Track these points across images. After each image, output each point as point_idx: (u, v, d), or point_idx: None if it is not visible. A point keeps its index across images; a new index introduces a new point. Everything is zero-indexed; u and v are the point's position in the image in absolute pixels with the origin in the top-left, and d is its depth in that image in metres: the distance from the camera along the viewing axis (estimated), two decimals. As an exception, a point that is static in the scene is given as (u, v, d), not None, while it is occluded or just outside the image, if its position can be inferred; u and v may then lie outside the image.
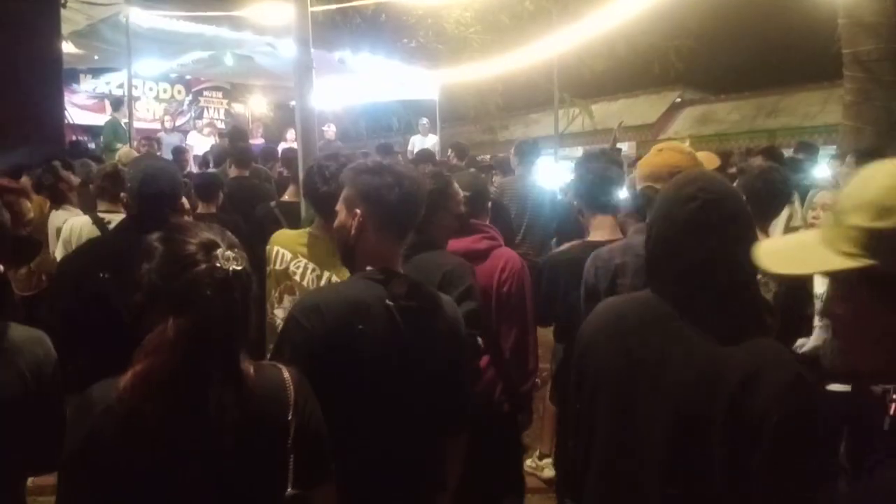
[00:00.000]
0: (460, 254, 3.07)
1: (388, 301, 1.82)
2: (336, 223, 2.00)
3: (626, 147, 13.60)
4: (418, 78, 12.78)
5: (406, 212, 1.92)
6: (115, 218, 3.67)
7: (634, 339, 1.59)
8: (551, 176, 7.63)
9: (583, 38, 10.38)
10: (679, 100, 18.29)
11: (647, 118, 17.57)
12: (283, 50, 9.69)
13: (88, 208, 4.40)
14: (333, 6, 10.72)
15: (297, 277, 2.74)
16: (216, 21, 8.75)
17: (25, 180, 5.12)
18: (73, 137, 10.54)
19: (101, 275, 1.82)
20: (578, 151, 18.80)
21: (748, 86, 17.26)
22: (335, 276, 2.63)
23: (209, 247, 1.41)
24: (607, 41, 12.29)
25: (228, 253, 1.41)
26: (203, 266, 1.37)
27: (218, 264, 1.38)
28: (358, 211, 1.90)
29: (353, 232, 1.91)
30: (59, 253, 3.88)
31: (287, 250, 2.81)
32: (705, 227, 1.53)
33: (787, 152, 6.81)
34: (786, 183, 3.15)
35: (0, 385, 1.67)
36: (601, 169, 3.15)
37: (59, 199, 4.93)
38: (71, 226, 3.97)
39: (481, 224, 3.13)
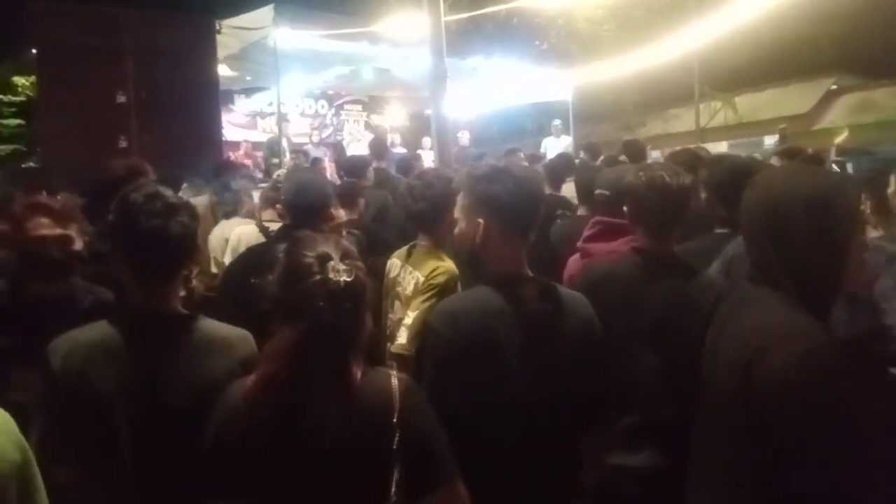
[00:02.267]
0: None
1: (518, 305, 1.82)
2: (457, 232, 2.02)
3: (773, 139, 12.78)
4: (551, 79, 12.69)
5: (527, 214, 1.91)
6: (278, 226, 3.95)
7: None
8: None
9: (723, 28, 9.90)
10: (835, 87, 16.93)
11: (799, 108, 16.39)
12: (418, 61, 9.97)
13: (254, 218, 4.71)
14: (465, 14, 10.88)
15: (400, 288, 2.85)
16: (355, 37, 9.12)
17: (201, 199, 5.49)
18: (230, 154, 11.36)
19: (253, 280, 1.95)
20: (722, 146, 17.86)
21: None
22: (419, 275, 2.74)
23: (324, 259, 1.46)
24: (750, 30, 11.62)
25: (341, 265, 1.46)
26: (317, 277, 1.44)
27: (331, 276, 1.44)
28: (480, 220, 1.90)
29: (477, 240, 1.92)
30: (227, 259, 4.17)
31: (397, 260, 2.96)
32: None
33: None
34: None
35: (216, 377, 1.72)
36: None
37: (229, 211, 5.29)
38: (239, 234, 4.24)
39: (629, 225, 3.02)
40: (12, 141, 18.62)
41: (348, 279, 1.45)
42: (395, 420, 1.47)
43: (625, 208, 2.44)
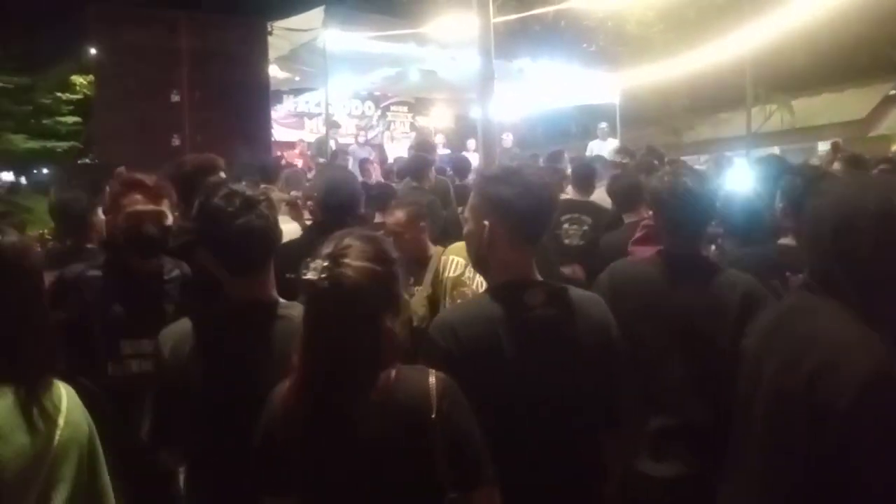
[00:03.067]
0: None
1: (522, 312, 1.78)
2: (465, 232, 1.98)
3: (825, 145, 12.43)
4: (597, 82, 12.58)
5: (535, 218, 1.85)
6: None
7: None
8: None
9: (779, 30, 9.68)
10: (894, 92, 16.38)
11: (856, 113, 15.90)
12: (464, 62, 9.97)
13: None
14: (513, 16, 10.85)
15: (467, 288, 2.87)
16: (403, 39, 9.18)
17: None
18: (278, 153, 11.54)
19: (287, 276, 2.02)
20: (774, 151, 17.46)
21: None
22: None
23: (313, 259, 1.47)
24: (807, 32, 11.32)
25: (323, 265, 1.43)
26: (303, 278, 1.45)
27: (309, 276, 1.43)
28: (486, 223, 1.84)
29: (483, 243, 1.86)
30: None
31: (461, 258, 2.93)
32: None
33: None
34: None
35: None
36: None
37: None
38: (283, 232, 4.33)
39: None
40: (69, 138, 19.23)
41: (326, 282, 1.42)
42: (433, 416, 1.46)
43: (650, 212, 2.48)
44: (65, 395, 1.51)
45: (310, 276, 1.43)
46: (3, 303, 1.45)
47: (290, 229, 4.27)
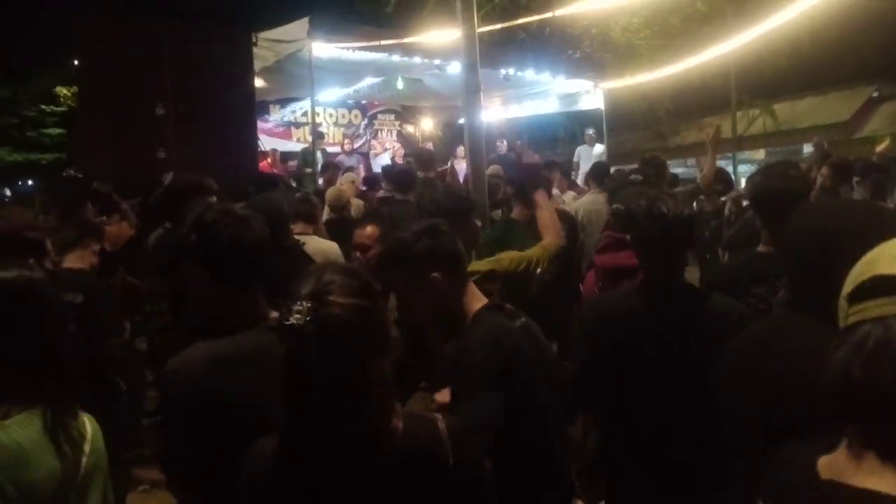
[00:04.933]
0: (607, 269, 3.01)
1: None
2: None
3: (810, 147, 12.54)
4: (583, 89, 12.63)
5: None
6: (308, 239, 3.97)
7: None
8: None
9: (762, 35, 9.78)
10: (876, 94, 16.56)
11: (839, 116, 16.06)
12: (451, 71, 9.99)
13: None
14: (498, 26, 10.88)
15: None
16: (388, 49, 9.18)
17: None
18: (266, 161, 11.50)
19: None
20: (760, 154, 17.60)
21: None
22: None
23: (292, 299, 1.28)
24: (789, 37, 11.43)
25: (306, 304, 1.24)
26: (287, 321, 1.25)
27: (289, 320, 1.24)
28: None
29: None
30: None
31: None
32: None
33: None
34: None
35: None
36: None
37: None
38: None
39: None
40: (54, 150, 19.12)
41: (312, 325, 1.22)
42: (450, 468, 1.34)
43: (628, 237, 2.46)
44: (88, 422, 1.59)
45: (293, 320, 1.23)
46: (30, 333, 1.53)
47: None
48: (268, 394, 1.43)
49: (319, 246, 4.03)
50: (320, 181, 8.62)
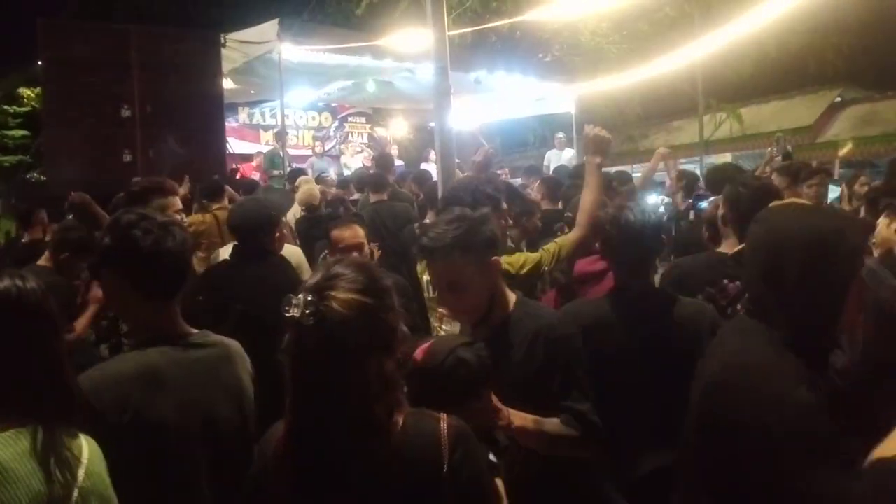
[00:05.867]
0: (574, 276, 3.02)
1: None
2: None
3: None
4: (554, 92, 12.70)
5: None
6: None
7: None
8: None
9: (728, 40, 9.92)
10: (839, 99, 16.91)
11: (804, 120, 16.37)
12: (422, 74, 9.98)
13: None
14: (469, 29, 10.90)
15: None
16: (359, 51, 9.15)
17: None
18: (234, 165, 11.38)
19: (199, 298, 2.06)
20: (727, 158, 17.84)
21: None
22: None
23: (302, 291, 1.30)
24: (755, 42, 11.63)
25: (303, 299, 1.27)
26: (288, 312, 1.28)
27: (291, 313, 1.27)
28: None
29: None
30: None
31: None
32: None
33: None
34: None
35: (243, 388, 1.86)
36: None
37: None
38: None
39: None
40: (17, 152, 18.68)
41: (311, 318, 1.25)
42: (444, 471, 1.31)
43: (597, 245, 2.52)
44: (86, 445, 1.48)
45: (293, 312, 1.26)
46: (20, 346, 1.43)
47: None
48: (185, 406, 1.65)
49: (287, 250, 3.99)
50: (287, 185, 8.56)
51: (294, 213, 6.31)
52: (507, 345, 1.96)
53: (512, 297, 2.10)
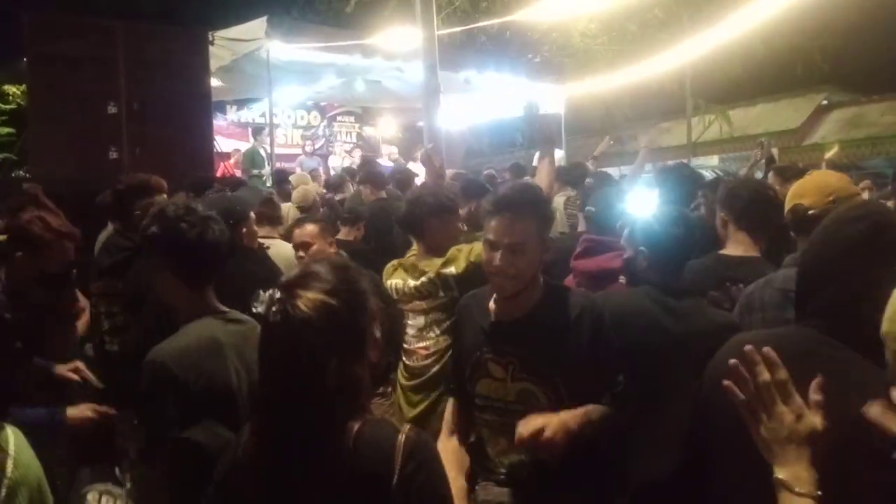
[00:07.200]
0: (591, 273, 3.00)
1: None
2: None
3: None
4: (543, 92, 12.71)
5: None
6: (272, 243, 3.89)
7: None
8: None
9: (717, 42, 9.97)
10: (826, 102, 17.04)
11: (790, 123, 16.50)
12: (411, 73, 9.95)
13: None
14: (458, 28, 10.89)
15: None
16: (348, 50, 9.10)
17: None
18: (222, 164, 11.31)
19: None
20: (714, 160, 17.94)
21: (904, 85, 15.80)
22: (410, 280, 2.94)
23: (273, 287, 1.31)
24: (744, 44, 11.69)
25: (276, 294, 1.27)
26: (256, 308, 1.29)
27: (259, 309, 1.28)
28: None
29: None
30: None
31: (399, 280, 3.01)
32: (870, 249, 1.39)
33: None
34: None
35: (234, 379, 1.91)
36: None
37: None
38: None
39: (615, 241, 2.99)
40: (2, 150, 18.49)
41: (278, 315, 1.25)
42: (393, 483, 1.26)
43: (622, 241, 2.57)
44: (12, 436, 1.48)
45: (259, 308, 1.27)
46: None
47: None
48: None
49: (281, 250, 3.94)
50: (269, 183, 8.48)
51: (291, 211, 6.23)
52: (552, 319, 2.06)
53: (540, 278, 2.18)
